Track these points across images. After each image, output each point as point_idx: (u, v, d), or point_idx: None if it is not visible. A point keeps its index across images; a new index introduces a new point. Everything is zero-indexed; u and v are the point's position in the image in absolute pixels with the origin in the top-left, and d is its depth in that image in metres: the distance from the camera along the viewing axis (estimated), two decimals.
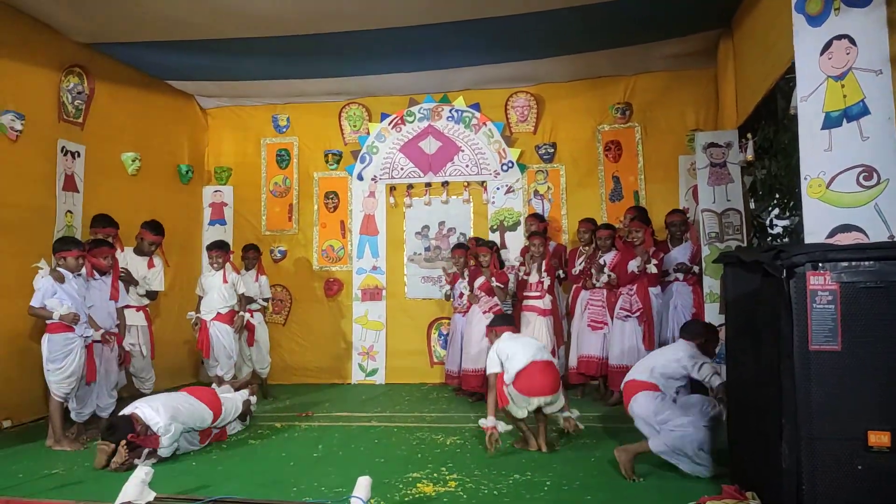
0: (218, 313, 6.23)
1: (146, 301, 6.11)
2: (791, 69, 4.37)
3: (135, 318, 5.88)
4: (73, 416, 5.11)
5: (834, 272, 2.60)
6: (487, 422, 4.47)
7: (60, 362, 4.82)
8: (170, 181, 7.70)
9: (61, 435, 4.87)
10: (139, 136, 7.13)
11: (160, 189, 7.43)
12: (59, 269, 4.93)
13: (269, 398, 6.72)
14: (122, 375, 5.69)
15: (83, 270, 5.05)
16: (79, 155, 6.24)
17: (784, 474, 2.64)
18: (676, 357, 4.16)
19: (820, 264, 2.59)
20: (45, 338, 4.87)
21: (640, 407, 4.08)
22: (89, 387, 5.10)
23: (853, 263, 2.59)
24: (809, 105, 3.51)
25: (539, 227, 6.88)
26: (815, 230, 3.41)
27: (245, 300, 6.42)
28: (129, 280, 5.86)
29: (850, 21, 3.35)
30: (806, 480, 2.60)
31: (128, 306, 5.73)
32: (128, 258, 5.99)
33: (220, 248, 6.39)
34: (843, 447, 2.58)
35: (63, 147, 6.06)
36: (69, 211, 6.10)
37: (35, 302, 4.84)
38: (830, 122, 3.40)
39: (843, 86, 3.35)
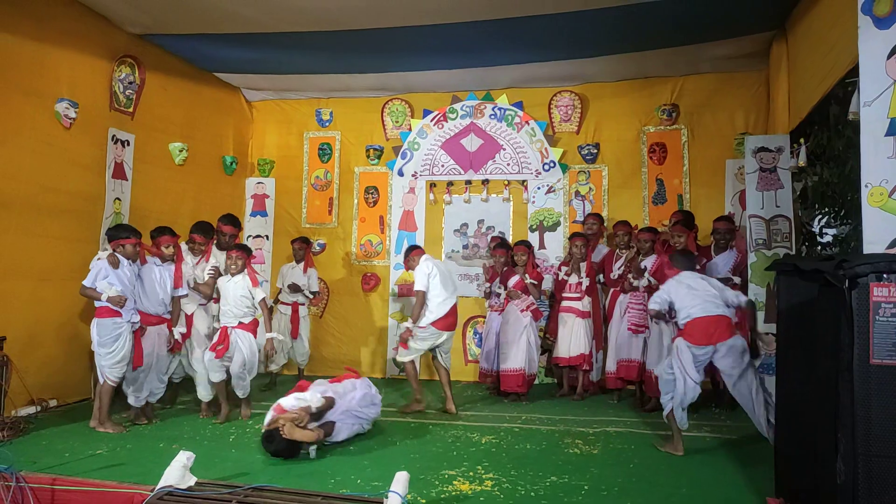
0: (240, 322, 5.56)
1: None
2: (849, 73, 4.25)
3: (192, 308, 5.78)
4: (131, 400, 5.26)
5: None
6: None
7: (111, 346, 4.92)
8: (214, 172, 7.82)
9: (106, 417, 4.98)
10: (186, 126, 7.25)
11: (205, 179, 7.55)
12: (116, 254, 5.02)
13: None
14: (173, 362, 5.72)
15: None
16: (128, 143, 6.37)
17: (839, 491, 2.56)
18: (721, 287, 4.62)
19: (885, 275, 2.50)
20: (94, 322, 4.98)
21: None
22: (135, 372, 5.19)
23: None
24: (873, 110, 3.38)
25: (600, 228, 6.82)
26: (875, 240, 3.28)
27: (292, 290, 6.43)
28: (215, 281, 5.76)
29: None
30: (862, 498, 2.51)
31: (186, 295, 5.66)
32: (216, 255, 5.99)
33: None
34: None
35: (113, 136, 6.19)
36: (118, 198, 6.23)
37: (87, 281, 4.95)
38: (895, 129, 3.28)
39: None
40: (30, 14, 5.33)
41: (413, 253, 6.19)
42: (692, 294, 4.58)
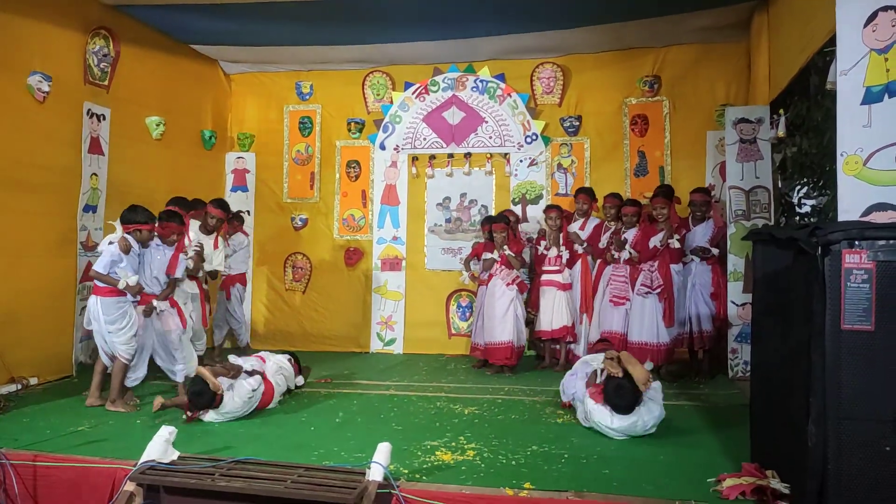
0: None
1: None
2: (828, 44, 4.26)
3: (188, 287, 5.69)
4: (126, 382, 5.07)
5: (870, 251, 2.53)
6: None
7: (121, 322, 4.82)
8: (193, 146, 7.72)
9: (118, 396, 4.89)
10: (164, 100, 7.13)
11: (184, 154, 7.45)
12: (127, 237, 4.90)
13: None
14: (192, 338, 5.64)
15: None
16: (104, 118, 6.26)
17: (810, 453, 2.62)
18: None
19: (856, 242, 2.53)
20: (96, 300, 4.83)
21: None
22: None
23: (891, 242, 2.52)
24: (849, 79, 3.40)
25: (592, 206, 6.80)
26: (850, 208, 3.32)
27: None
28: (201, 259, 5.75)
29: None
30: (832, 460, 2.57)
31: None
32: (199, 236, 5.94)
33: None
34: (872, 428, 2.54)
35: (89, 110, 6.08)
36: (94, 173, 6.14)
37: (100, 267, 4.79)
38: (871, 98, 3.30)
39: (886, 59, 3.24)
40: None
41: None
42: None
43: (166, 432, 3.55)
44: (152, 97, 6.99)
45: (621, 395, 4.15)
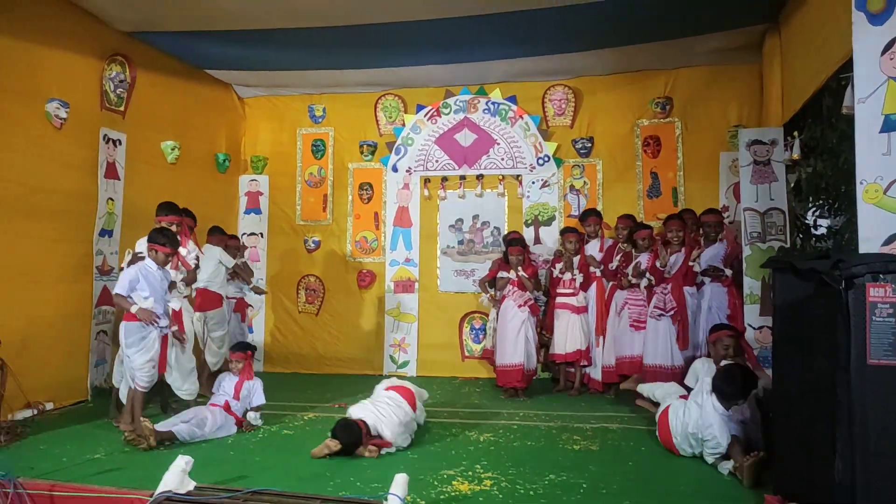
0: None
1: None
2: (843, 68, 4.25)
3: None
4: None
5: (895, 284, 2.51)
6: None
7: (138, 345, 4.80)
8: (207, 170, 7.78)
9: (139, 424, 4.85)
10: (178, 124, 7.20)
11: (198, 177, 7.50)
12: (139, 255, 4.93)
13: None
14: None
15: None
16: (120, 143, 6.32)
17: (837, 489, 2.57)
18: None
19: (881, 276, 2.51)
20: (122, 326, 4.87)
21: None
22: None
23: None
24: (867, 107, 3.38)
25: (602, 226, 6.79)
26: (871, 236, 3.29)
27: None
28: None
29: None
30: (860, 496, 2.53)
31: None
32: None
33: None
34: None
35: (105, 135, 6.14)
36: (110, 198, 6.19)
37: (121, 289, 4.79)
38: (890, 126, 3.28)
39: None
40: (18, 13, 5.26)
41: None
42: (682, 421, 4.32)
43: (182, 462, 3.53)
44: (167, 122, 7.05)
45: (730, 379, 4.12)
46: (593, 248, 6.72)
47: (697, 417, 4.19)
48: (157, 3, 5.71)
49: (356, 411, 4.61)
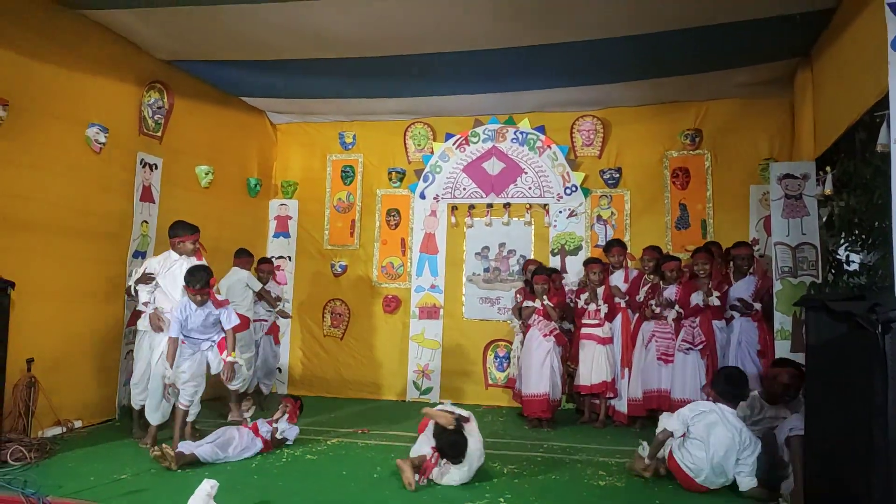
0: None
1: None
2: (878, 105, 4.21)
3: None
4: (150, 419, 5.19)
5: None
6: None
7: (179, 367, 4.98)
8: (239, 194, 7.92)
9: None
10: (212, 149, 7.36)
11: (229, 201, 7.64)
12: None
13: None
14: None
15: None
16: (156, 167, 6.47)
17: None
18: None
19: None
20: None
21: None
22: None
23: None
24: None
25: (626, 256, 6.78)
26: None
27: None
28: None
29: None
30: None
31: None
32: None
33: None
34: None
35: (142, 159, 6.30)
36: (145, 221, 6.33)
37: (174, 334, 4.96)
38: None
39: None
40: (63, 42, 5.46)
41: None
42: (704, 445, 4.25)
43: (208, 486, 3.56)
44: (202, 147, 7.21)
45: (734, 379, 4.42)
46: (618, 279, 6.68)
47: (731, 436, 4.15)
48: (196, 33, 5.87)
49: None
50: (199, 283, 4.88)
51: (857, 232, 6.43)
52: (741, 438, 4.14)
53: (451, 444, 4.30)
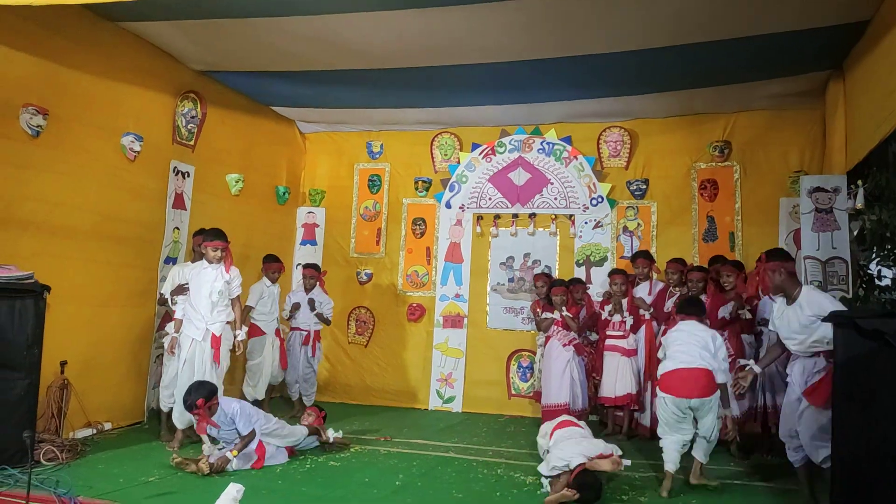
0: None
1: None
2: None
3: None
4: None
5: None
6: None
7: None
8: (267, 201, 8.04)
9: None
10: (243, 158, 7.49)
11: (258, 209, 7.76)
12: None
13: None
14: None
15: None
16: (188, 175, 6.61)
17: None
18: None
19: None
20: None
21: None
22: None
23: None
24: None
25: (652, 268, 6.73)
26: None
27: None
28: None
29: None
30: None
31: None
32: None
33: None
34: None
35: (175, 167, 6.44)
36: (177, 227, 6.46)
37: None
38: None
39: None
40: (101, 53, 5.61)
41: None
42: (678, 343, 4.65)
43: (234, 490, 3.62)
44: (233, 155, 7.35)
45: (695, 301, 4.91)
46: (643, 291, 6.64)
47: (702, 337, 4.65)
48: (229, 44, 6.00)
49: (576, 458, 4.30)
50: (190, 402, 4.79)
51: (888, 247, 6.36)
52: (714, 342, 4.59)
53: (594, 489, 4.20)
